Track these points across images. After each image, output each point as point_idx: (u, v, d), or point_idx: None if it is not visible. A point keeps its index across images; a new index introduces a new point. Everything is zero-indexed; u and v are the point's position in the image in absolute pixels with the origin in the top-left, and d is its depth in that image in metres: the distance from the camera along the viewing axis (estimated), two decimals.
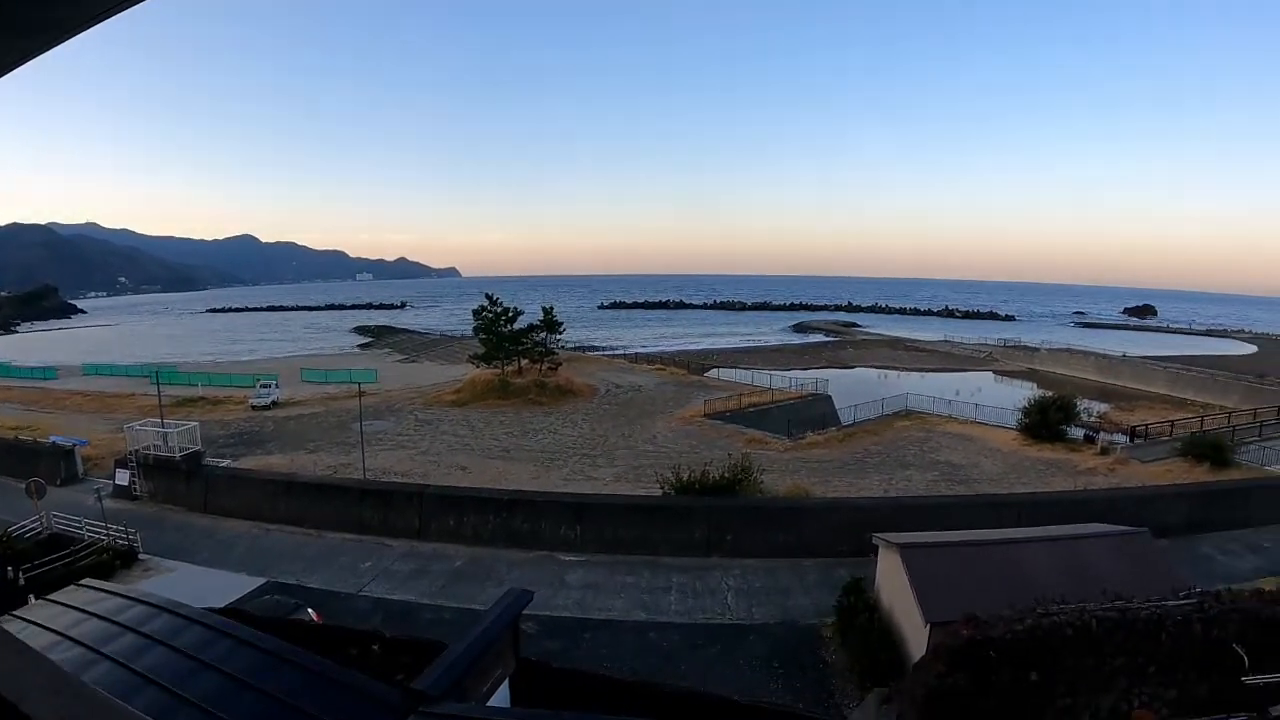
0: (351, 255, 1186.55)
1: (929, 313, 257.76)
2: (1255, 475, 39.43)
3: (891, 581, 19.21)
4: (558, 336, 78.84)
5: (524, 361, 73.60)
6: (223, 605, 15.55)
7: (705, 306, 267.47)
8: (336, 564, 26.10)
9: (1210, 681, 14.44)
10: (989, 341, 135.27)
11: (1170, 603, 15.28)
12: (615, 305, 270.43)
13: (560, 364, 75.01)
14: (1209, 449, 43.02)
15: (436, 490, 29.99)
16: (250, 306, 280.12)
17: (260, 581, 24.28)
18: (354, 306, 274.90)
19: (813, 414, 60.02)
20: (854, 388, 77.88)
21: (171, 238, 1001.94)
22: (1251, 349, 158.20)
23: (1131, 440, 50.68)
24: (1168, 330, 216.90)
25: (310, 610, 19.88)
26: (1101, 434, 54.28)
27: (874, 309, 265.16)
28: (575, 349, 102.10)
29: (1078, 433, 52.70)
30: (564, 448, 47.56)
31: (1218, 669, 14.43)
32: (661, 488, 30.31)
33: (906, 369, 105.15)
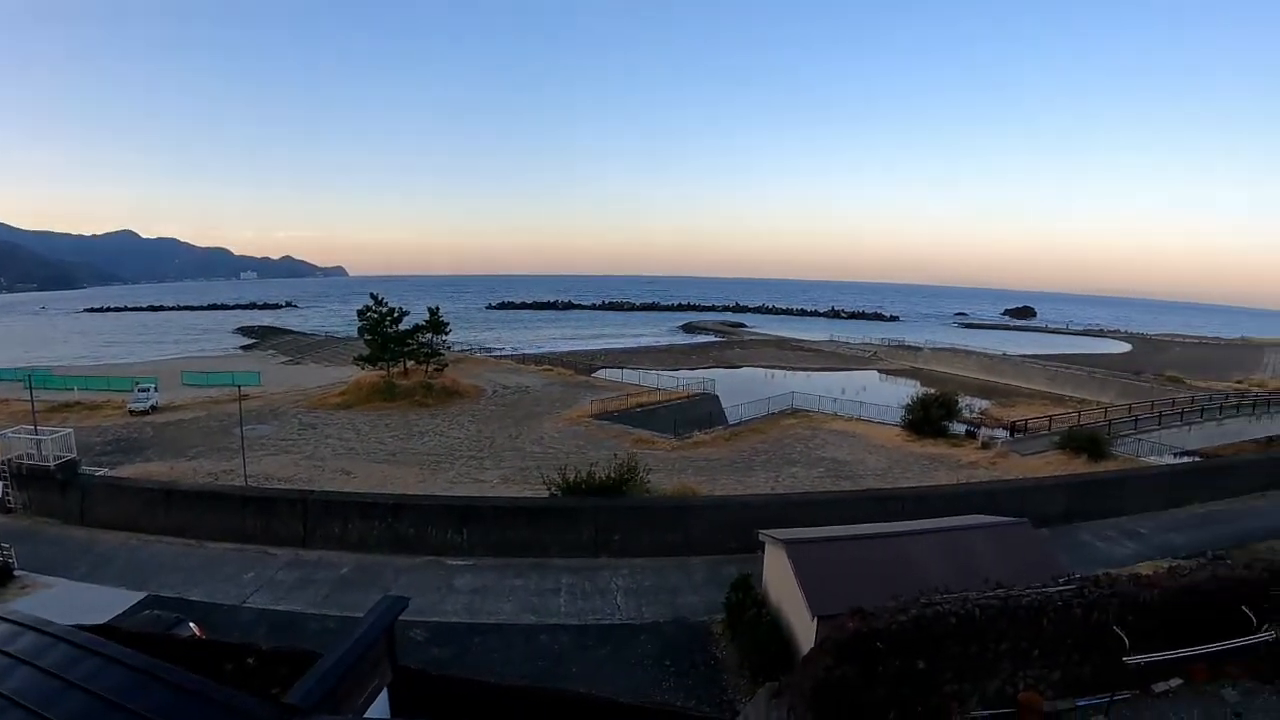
0: (236, 253, 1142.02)
1: (815, 313, 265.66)
2: (1130, 466, 41.77)
3: (779, 577, 19.49)
4: (444, 337, 78.68)
5: (410, 363, 72.90)
6: (102, 622, 14.68)
7: (594, 307, 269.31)
8: (219, 575, 25.27)
9: (1092, 663, 15.07)
10: (874, 341, 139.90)
11: (1051, 589, 15.84)
12: (503, 306, 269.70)
13: (446, 365, 74.95)
14: (1086, 442, 45.25)
15: (320, 496, 29.35)
16: (130, 306, 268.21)
17: (140, 596, 23.33)
18: (237, 306, 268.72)
19: (700, 413, 60.81)
20: (741, 387, 79.24)
21: (49, 233, 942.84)
22: (1126, 348, 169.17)
23: (1012, 435, 52.91)
24: (1046, 330, 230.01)
25: (192, 624, 19.18)
26: (983, 429, 56.62)
27: (762, 310, 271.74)
28: (462, 350, 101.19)
29: (960, 428, 54.89)
30: (450, 450, 47.49)
31: (1099, 650, 15.03)
32: (548, 489, 30.22)
33: (793, 368, 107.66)
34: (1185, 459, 49.63)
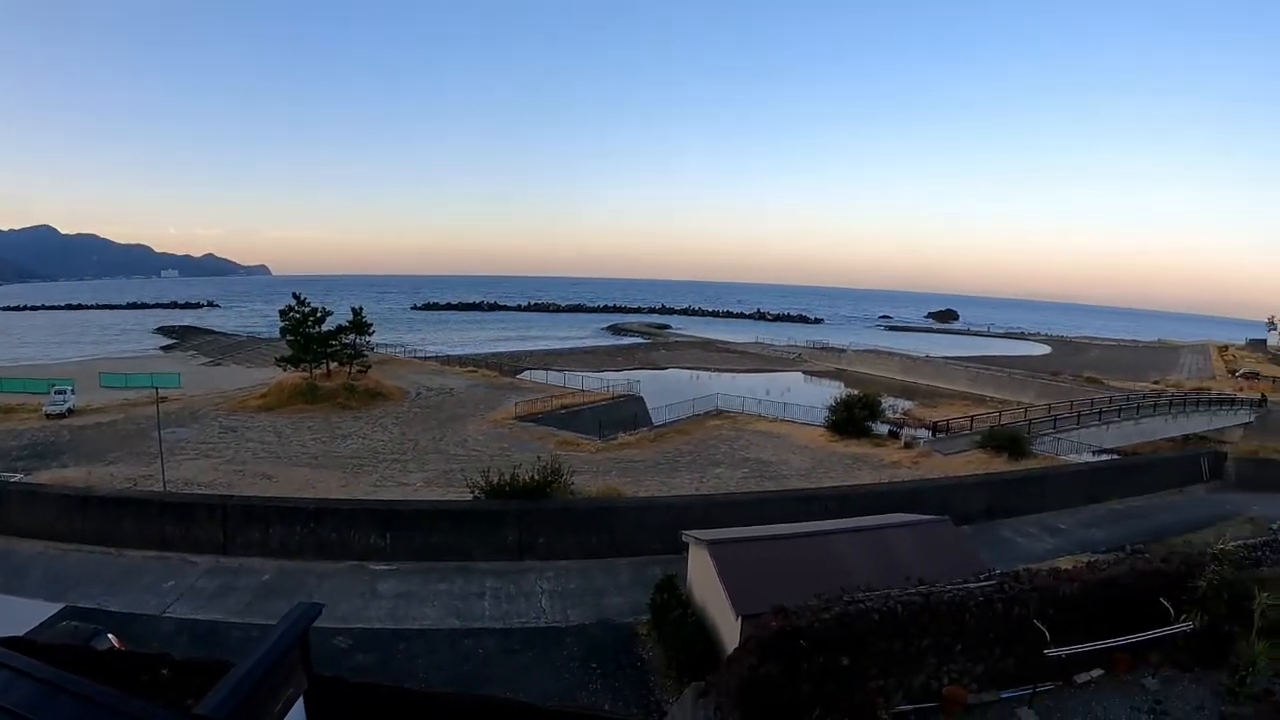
0: (157, 250, 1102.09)
1: (741, 315, 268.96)
2: (1050, 464, 43.01)
3: (703, 577, 19.53)
4: (367, 338, 77.87)
5: (333, 364, 71.64)
6: (19, 634, 13.78)
7: (520, 308, 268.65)
8: (139, 584, 24.33)
9: (1015, 655, 15.32)
10: (799, 343, 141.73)
11: (972, 584, 16.07)
12: (429, 306, 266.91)
13: (370, 366, 73.97)
14: (1007, 441, 46.38)
15: (240, 501, 28.52)
16: (48, 305, 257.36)
17: (58, 607, 22.23)
18: (158, 305, 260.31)
19: (625, 415, 61.03)
20: (666, 388, 79.57)
21: None
22: (1046, 349, 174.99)
23: (934, 435, 54.00)
24: (968, 333, 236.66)
25: (111, 636, 18.40)
26: (905, 429, 57.67)
27: (688, 312, 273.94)
28: (386, 351, 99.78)
29: (883, 429, 55.73)
30: (373, 453, 47.01)
31: (1021, 644, 15.25)
32: (472, 491, 29.85)
33: (718, 370, 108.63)
34: (1104, 457, 51.27)
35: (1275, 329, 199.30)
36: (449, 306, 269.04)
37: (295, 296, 71.64)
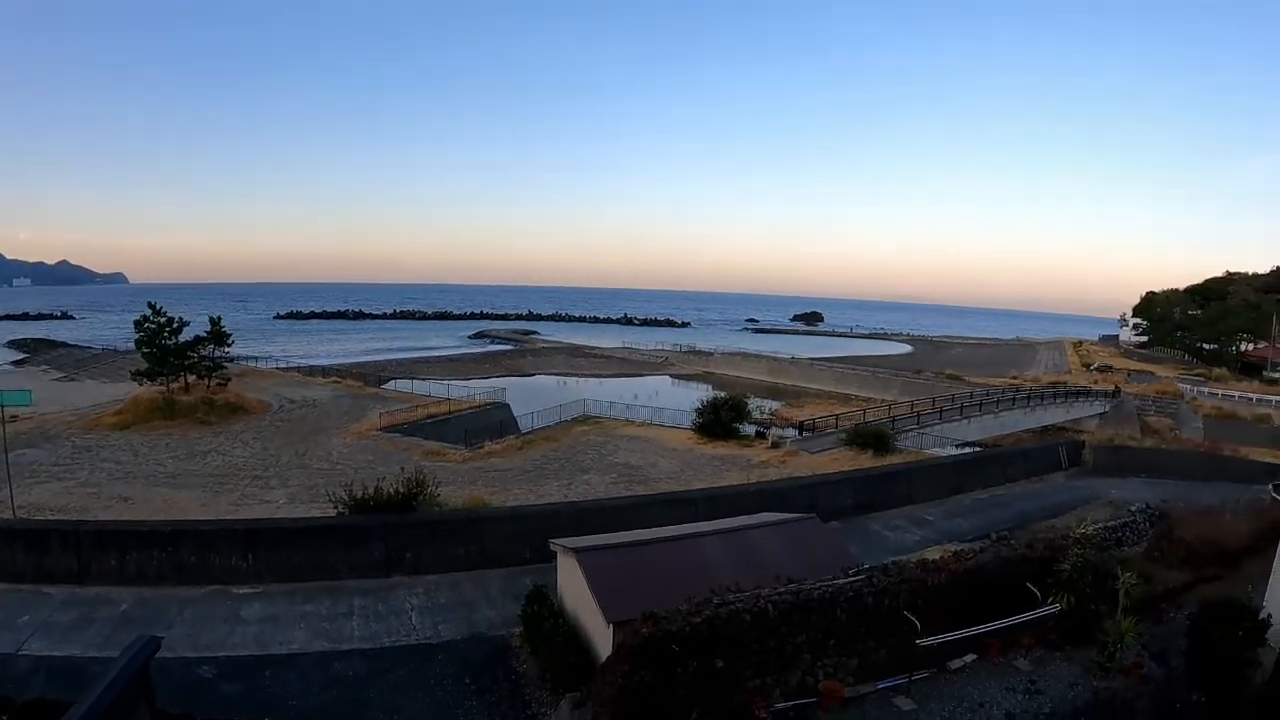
0: (9, 257, 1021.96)
1: (609, 320, 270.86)
2: (914, 458, 44.25)
3: (573, 586, 19.48)
4: (227, 349, 74.65)
5: (191, 378, 68.14)
6: None
7: (385, 316, 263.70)
8: None
9: (889, 647, 15.72)
10: (666, 347, 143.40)
11: (842, 580, 16.53)
12: (292, 315, 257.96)
13: (230, 379, 70.68)
14: (872, 438, 47.61)
15: (94, 526, 26.70)
16: None
17: None
18: (8, 317, 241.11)
19: (491, 423, 60.49)
20: (533, 395, 79.30)
21: None
22: (909, 349, 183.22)
23: (800, 434, 55.11)
24: (833, 334, 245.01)
25: None
26: (772, 429, 58.84)
27: (555, 317, 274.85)
28: (248, 362, 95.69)
29: (750, 429, 56.53)
30: (234, 470, 45.19)
31: (894, 635, 15.65)
32: (335, 507, 28.84)
33: (585, 375, 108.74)
34: (966, 450, 53.25)
35: (1126, 325, 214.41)
36: (313, 315, 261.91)
37: (151, 306, 68.41)
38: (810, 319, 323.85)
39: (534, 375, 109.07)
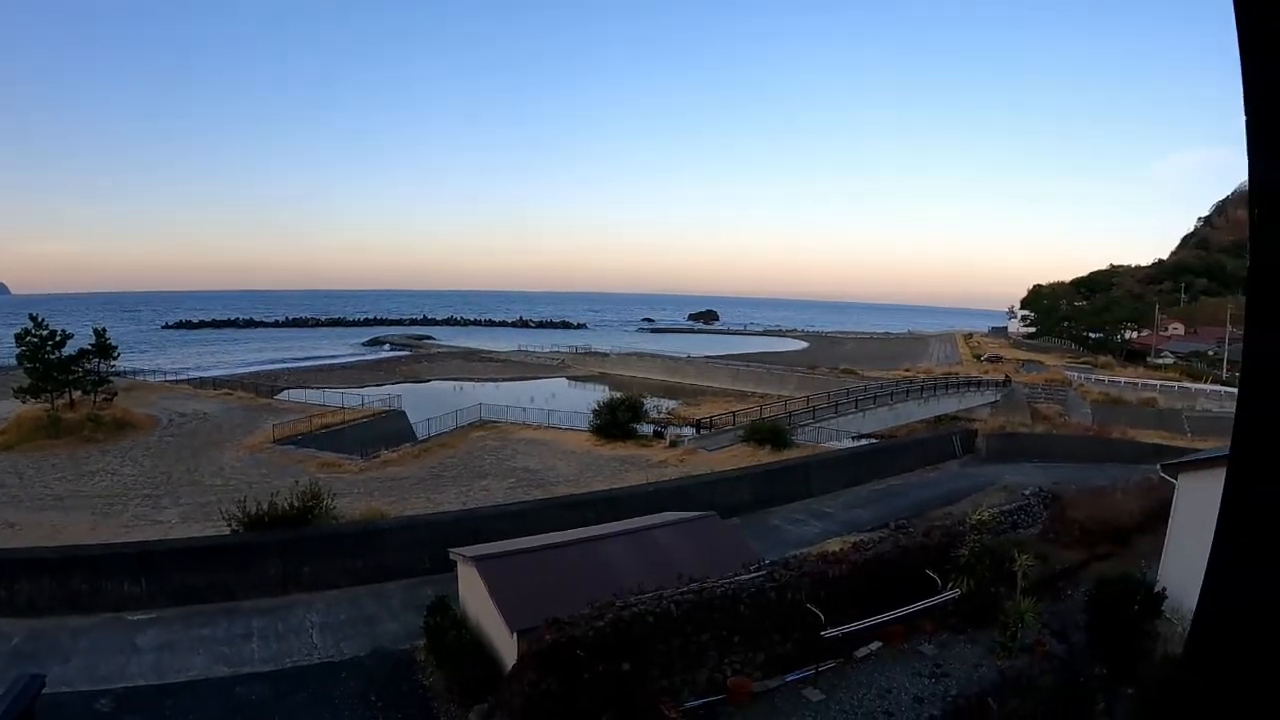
0: None
1: (504, 323, 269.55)
2: (812, 452, 45.02)
3: (475, 595, 19.38)
4: (113, 363, 72.00)
5: (77, 393, 64.90)
6: None
7: (278, 324, 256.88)
8: None
9: (794, 640, 15.85)
10: (562, 349, 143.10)
11: (744, 576, 16.67)
12: (182, 325, 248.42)
13: (117, 394, 67.85)
14: (769, 433, 48.30)
15: None
16: None
17: None
18: None
19: (387, 431, 59.72)
20: (429, 401, 78.22)
21: None
22: (804, 345, 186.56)
23: (698, 432, 55.68)
24: (729, 332, 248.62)
25: None
26: (670, 428, 59.28)
27: (450, 322, 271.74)
28: (136, 376, 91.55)
29: (648, 429, 56.90)
30: (124, 490, 43.73)
31: (799, 628, 15.81)
32: (229, 525, 27.91)
33: (481, 379, 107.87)
34: (863, 442, 54.35)
35: (1014, 317, 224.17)
36: (203, 324, 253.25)
37: (33, 319, 65.41)
38: (705, 317, 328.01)
39: (429, 381, 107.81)
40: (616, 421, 52.98)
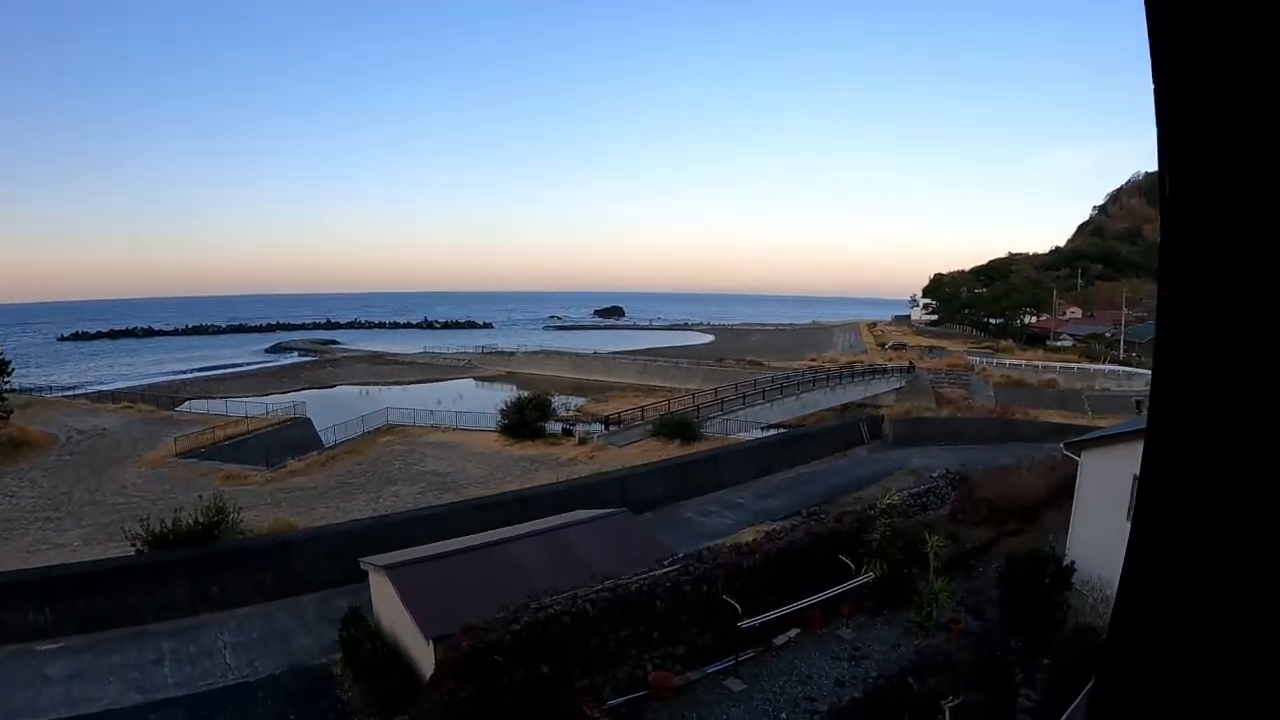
0: None
1: (409, 325, 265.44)
2: (721, 444, 45.37)
3: (388, 604, 19.27)
4: (7, 379, 67.70)
5: None
6: None
7: (178, 332, 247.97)
8: None
9: (713, 631, 16.01)
10: (468, 350, 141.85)
11: (658, 571, 16.82)
12: (79, 336, 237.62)
13: (11, 412, 64.24)
14: (678, 427, 48.61)
15: None
16: None
17: None
18: None
19: (293, 439, 58.21)
20: (335, 407, 76.64)
21: None
22: (710, 338, 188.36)
23: (607, 428, 55.64)
24: (635, 328, 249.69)
25: None
26: (579, 426, 59.20)
27: (354, 325, 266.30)
28: (32, 392, 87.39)
29: (557, 427, 56.76)
30: (23, 513, 41.77)
31: (717, 619, 15.96)
32: (134, 545, 26.97)
33: (387, 383, 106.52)
34: (771, 432, 55.08)
35: (917, 305, 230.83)
36: (101, 335, 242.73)
37: None
38: (612, 313, 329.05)
39: (335, 386, 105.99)
40: (525, 421, 52.83)
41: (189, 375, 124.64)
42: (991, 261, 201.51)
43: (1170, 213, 1.54)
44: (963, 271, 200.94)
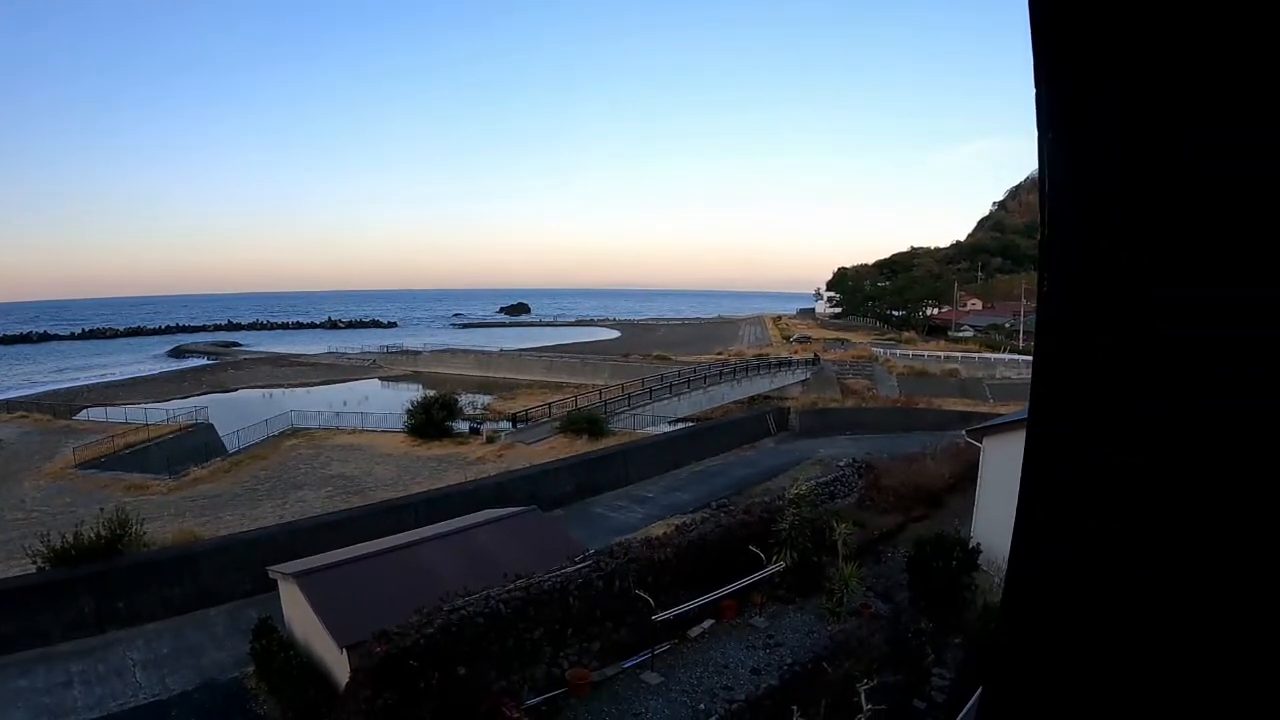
0: None
1: (313, 325, 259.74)
2: (629, 439, 45.75)
3: (299, 613, 19.06)
4: None
5: None
6: None
7: (74, 336, 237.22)
8: None
9: (628, 626, 16.23)
10: (373, 349, 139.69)
11: (569, 568, 16.94)
12: None
13: None
14: (586, 423, 48.82)
15: None
16: None
17: None
18: None
19: (196, 446, 57.00)
20: (238, 411, 74.73)
21: None
22: (616, 333, 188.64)
23: (515, 426, 55.46)
24: (540, 324, 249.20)
25: None
26: (486, 424, 59.08)
27: (256, 326, 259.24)
28: None
29: (464, 426, 56.47)
30: None
31: (631, 613, 16.18)
32: (34, 562, 26.04)
33: (291, 385, 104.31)
34: (679, 425, 55.58)
35: (821, 299, 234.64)
36: None
37: None
38: (516, 310, 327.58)
39: (237, 390, 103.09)
40: (432, 421, 52.43)
41: (86, 381, 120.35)
42: (894, 255, 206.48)
43: (1046, 209, 1.64)
44: (866, 265, 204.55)
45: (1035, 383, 1.73)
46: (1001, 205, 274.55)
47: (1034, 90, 1.57)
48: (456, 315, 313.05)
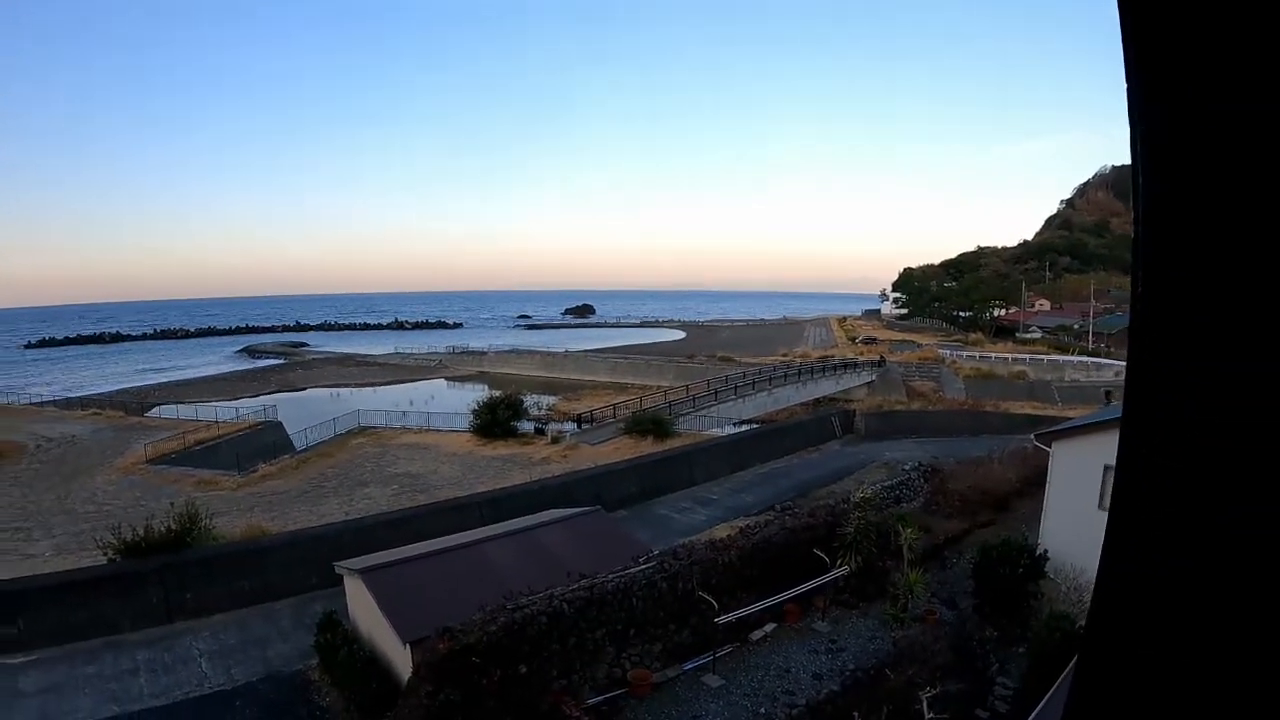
0: None
1: (379, 326, 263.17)
2: (694, 440, 45.49)
3: (364, 608, 19.18)
4: None
5: None
6: None
7: (146, 337, 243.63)
8: None
9: (690, 628, 16.16)
10: (439, 350, 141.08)
11: (633, 569, 16.86)
12: (45, 343, 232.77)
13: None
14: (650, 424, 48.74)
15: None
16: None
17: None
18: None
19: (264, 444, 58.01)
20: (306, 410, 76.06)
21: None
22: (681, 335, 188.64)
23: (580, 427, 55.60)
24: (605, 325, 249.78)
25: None
26: (551, 425, 59.21)
27: (324, 327, 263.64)
28: None
29: (529, 427, 56.66)
30: None
31: (694, 615, 16.11)
32: (106, 554, 26.77)
33: (358, 385, 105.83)
34: (744, 427, 55.25)
35: (886, 299, 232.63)
36: (67, 341, 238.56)
37: None
38: (581, 311, 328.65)
39: (305, 389, 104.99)
40: (497, 421, 52.70)
41: (158, 380, 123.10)
42: (961, 255, 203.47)
43: (1141, 209, 1.53)
44: (932, 265, 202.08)
45: (1129, 387, 1.63)
46: (1069, 204, 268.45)
47: (1124, 84, 1.48)
48: (522, 317, 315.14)
